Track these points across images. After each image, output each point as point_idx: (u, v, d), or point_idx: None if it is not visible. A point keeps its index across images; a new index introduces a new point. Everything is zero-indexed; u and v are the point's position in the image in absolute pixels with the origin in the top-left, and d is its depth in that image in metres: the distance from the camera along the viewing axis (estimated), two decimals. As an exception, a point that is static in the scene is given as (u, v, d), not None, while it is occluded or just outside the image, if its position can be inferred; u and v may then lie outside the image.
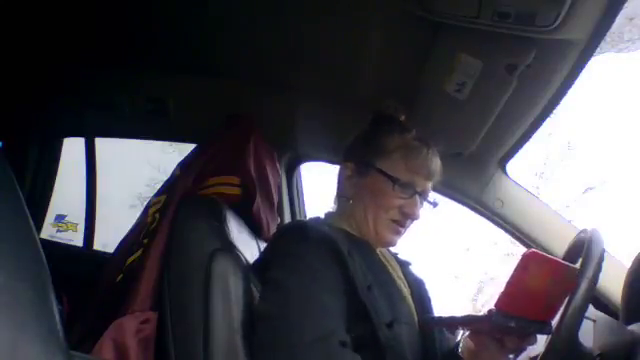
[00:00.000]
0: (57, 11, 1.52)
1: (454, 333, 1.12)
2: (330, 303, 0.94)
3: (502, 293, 0.82)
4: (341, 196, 1.19)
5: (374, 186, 1.12)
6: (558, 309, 0.86)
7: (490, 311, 0.82)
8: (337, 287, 0.96)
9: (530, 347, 0.97)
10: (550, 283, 0.81)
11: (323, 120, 1.65)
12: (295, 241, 1.03)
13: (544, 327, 0.86)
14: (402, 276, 1.18)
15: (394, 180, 1.10)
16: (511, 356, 0.97)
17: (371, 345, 0.94)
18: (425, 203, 1.16)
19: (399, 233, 1.13)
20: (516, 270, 0.79)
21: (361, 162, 1.15)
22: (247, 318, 1.03)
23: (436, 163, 1.13)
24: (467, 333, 1.04)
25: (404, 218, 1.12)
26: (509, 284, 0.80)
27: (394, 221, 1.11)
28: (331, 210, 1.22)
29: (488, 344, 0.96)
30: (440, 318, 1.04)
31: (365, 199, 1.13)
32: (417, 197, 1.11)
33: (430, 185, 1.14)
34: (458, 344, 1.10)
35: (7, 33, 1.60)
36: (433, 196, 1.18)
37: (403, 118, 1.21)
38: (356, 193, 1.15)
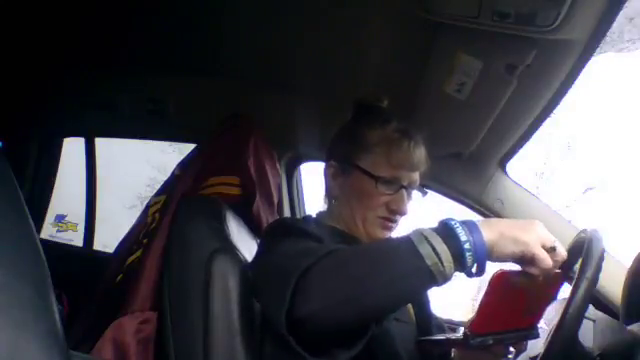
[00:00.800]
0: (57, 11, 1.52)
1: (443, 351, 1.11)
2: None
3: (475, 315, 0.81)
4: (328, 196, 1.18)
5: (357, 185, 1.09)
6: (542, 313, 0.87)
7: (465, 335, 0.82)
8: None
9: (530, 346, 0.97)
10: (525, 294, 0.80)
11: (323, 120, 1.65)
12: (278, 237, 1.00)
13: (530, 333, 0.86)
14: None
15: (376, 178, 1.07)
16: (511, 357, 0.97)
17: None
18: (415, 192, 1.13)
19: (389, 229, 1.10)
20: (486, 292, 0.79)
21: (343, 160, 1.12)
22: (247, 318, 1.03)
23: (420, 154, 1.09)
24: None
25: (392, 214, 1.09)
26: (480, 306, 0.80)
27: (383, 218, 1.09)
28: (322, 210, 1.20)
29: (478, 356, 0.97)
30: (426, 340, 1.03)
31: (351, 199, 1.11)
32: (403, 192, 1.09)
33: (417, 175, 1.11)
34: (450, 352, 1.10)
35: (7, 33, 1.60)
36: (432, 196, 1.17)
37: (385, 104, 1.18)
38: (342, 193, 1.13)
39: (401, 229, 1.12)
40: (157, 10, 1.46)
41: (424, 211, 1.18)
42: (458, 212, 1.73)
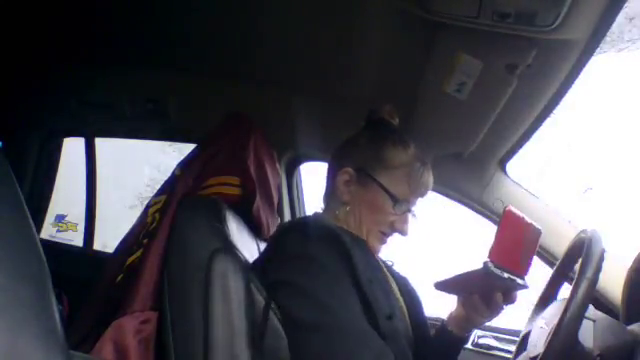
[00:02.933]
0: (57, 11, 1.52)
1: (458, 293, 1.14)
2: (357, 306, 0.97)
3: (493, 246, 0.88)
4: (335, 200, 1.18)
5: (373, 200, 1.13)
6: (529, 265, 0.94)
7: (485, 263, 0.87)
8: (350, 284, 0.99)
9: (530, 347, 0.97)
10: (523, 238, 0.90)
11: (323, 120, 1.65)
12: (301, 240, 1.03)
13: (523, 283, 0.93)
14: (390, 275, 1.20)
15: (395, 200, 1.12)
16: (510, 356, 0.98)
17: None
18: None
19: (385, 242, 1.17)
20: (500, 226, 0.87)
21: (362, 171, 1.15)
22: (247, 318, 1.03)
23: (431, 181, 1.17)
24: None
25: (392, 231, 1.15)
26: (496, 238, 0.87)
27: (383, 233, 1.15)
28: (320, 211, 1.22)
29: (478, 306, 1.02)
30: (444, 281, 1.04)
31: (361, 209, 1.14)
32: (408, 215, 1.14)
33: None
34: (443, 322, 1.14)
35: (7, 33, 1.60)
36: (432, 195, 1.20)
37: (397, 122, 1.23)
38: (352, 201, 1.15)
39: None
40: (157, 10, 1.46)
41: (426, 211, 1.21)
42: (458, 212, 1.74)
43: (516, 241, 0.90)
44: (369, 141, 1.18)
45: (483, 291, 1.01)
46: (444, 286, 1.05)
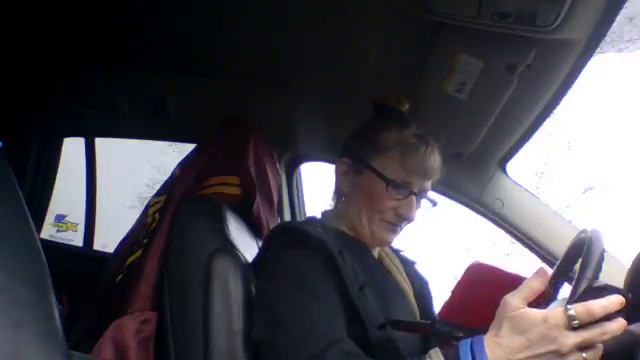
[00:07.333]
0: (57, 11, 1.52)
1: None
2: (325, 311, 0.91)
3: (445, 302, 0.78)
4: (337, 193, 1.17)
5: (368, 186, 1.08)
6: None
7: (434, 319, 0.79)
8: (330, 293, 0.93)
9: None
10: (498, 295, 0.75)
11: (323, 120, 1.65)
12: (284, 246, 1.00)
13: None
14: (405, 276, 1.17)
15: (387, 181, 1.05)
16: None
17: (363, 347, 0.91)
18: (424, 200, 1.13)
19: (395, 232, 1.10)
20: (460, 281, 0.76)
21: (356, 158, 1.11)
22: (247, 318, 1.03)
23: (434, 161, 1.07)
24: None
25: (399, 220, 1.08)
26: (452, 293, 0.77)
27: (389, 222, 1.08)
28: (328, 208, 1.20)
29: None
30: (399, 321, 0.99)
31: (359, 198, 1.10)
32: (413, 198, 1.07)
33: (429, 184, 1.10)
34: None
35: (7, 33, 1.60)
36: (432, 196, 1.16)
37: (407, 107, 1.17)
38: (351, 191, 1.12)
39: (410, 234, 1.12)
40: (157, 10, 1.46)
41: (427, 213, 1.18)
42: (458, 212, 1.74)
43: (483, 298, 0.74)
44: (365, 128, 1.15)
45: (446, 341, 0.87)
46: (400, 327, 0.98)
